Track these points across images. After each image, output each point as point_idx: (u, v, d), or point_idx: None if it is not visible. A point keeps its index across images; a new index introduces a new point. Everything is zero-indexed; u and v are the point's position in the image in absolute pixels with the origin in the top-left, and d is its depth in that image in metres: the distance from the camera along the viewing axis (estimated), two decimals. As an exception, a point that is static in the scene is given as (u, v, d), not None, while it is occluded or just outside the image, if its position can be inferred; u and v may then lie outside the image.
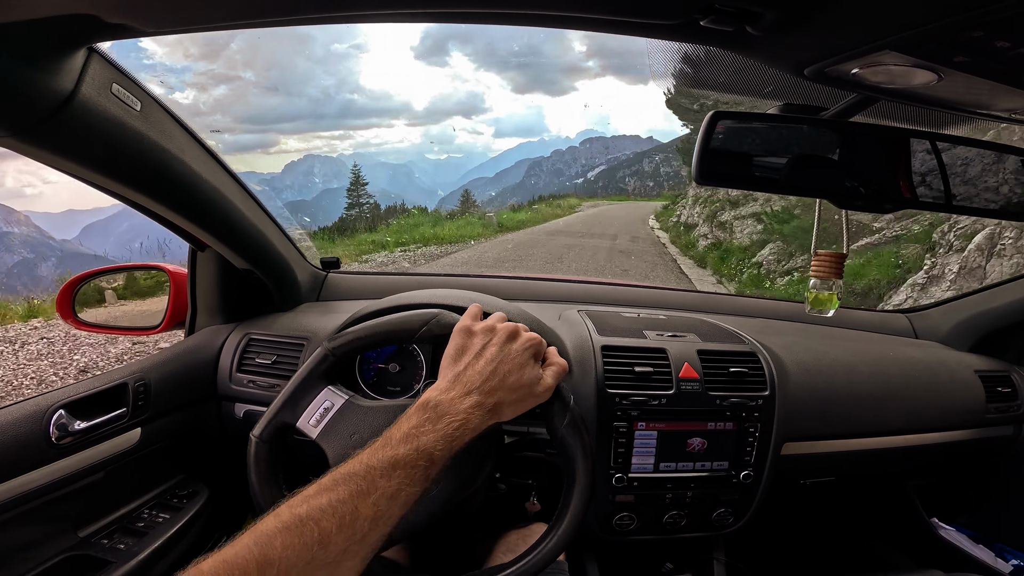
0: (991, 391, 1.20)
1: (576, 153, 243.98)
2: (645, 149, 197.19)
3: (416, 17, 0.47)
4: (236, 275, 1.09)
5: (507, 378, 0.55)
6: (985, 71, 0.47)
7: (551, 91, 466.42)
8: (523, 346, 0.59)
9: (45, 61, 0.50)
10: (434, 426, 0.49)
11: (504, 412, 0.56)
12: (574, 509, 0.63)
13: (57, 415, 0.79)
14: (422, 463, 0.46)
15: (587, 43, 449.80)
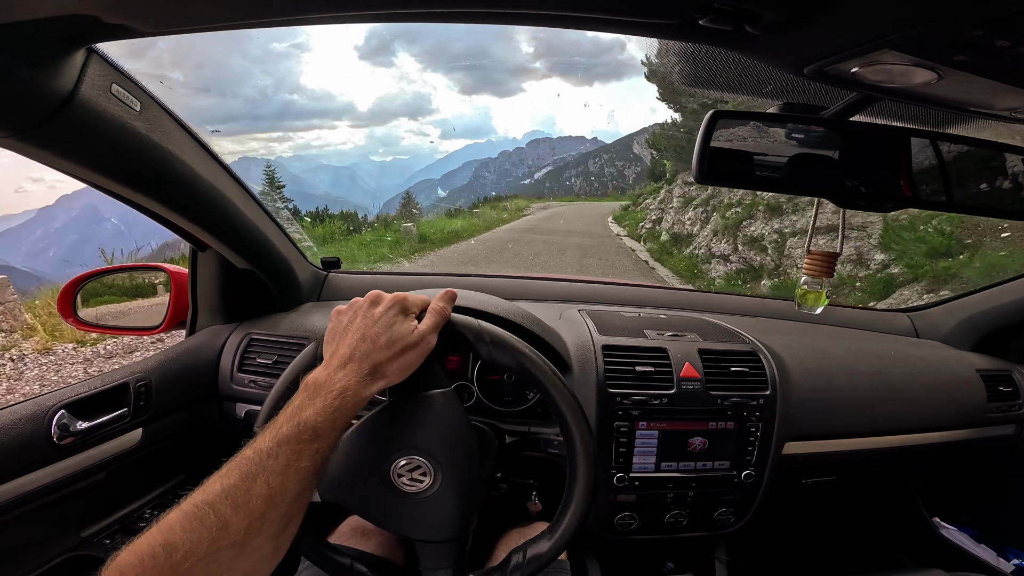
0: (992, 390, 1.20)
1: (523, 154, 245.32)
2: (590, 150, 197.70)
3: (417, 17, 0.47)
4: (237, 275, 1.09)
5: (377, 339, 0.56)
6: (985, 70, 0.47)
7: (498, 92, 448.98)
8: (386, 306, 0.60)
9: (45, 61, 0.50)
10: (312, 401, 0.51)
11: (387, 372, 0.57)
12: (561, 404, 0.65)
13: (59, 415, 0.79)
14: (306, 437, 0.48)
15: (535, 44, 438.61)
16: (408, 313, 0.60)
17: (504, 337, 0.65)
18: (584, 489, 0.64)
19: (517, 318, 0.95)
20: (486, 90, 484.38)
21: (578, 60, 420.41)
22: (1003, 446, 1.24)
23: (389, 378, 0.57)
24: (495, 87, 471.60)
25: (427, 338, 0.60)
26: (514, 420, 0.98)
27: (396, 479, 0.63)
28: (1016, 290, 1.27)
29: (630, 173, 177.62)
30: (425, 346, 0.60)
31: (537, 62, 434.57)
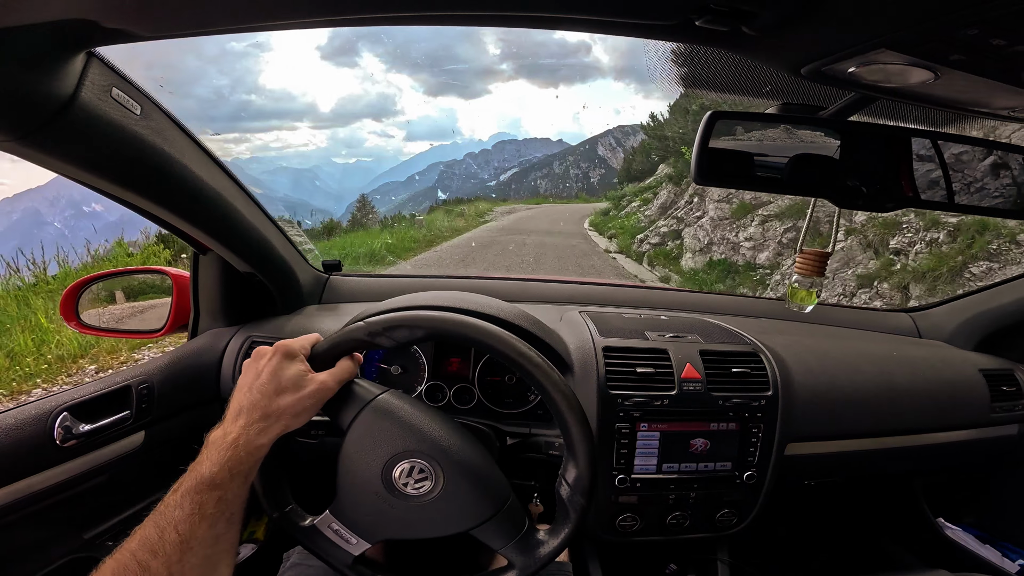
0: (996, 390, 1.20)
1: (489, 156, 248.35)
2: (555, 152, 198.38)
3: (414, 20, 0.47)
4: (238, 278, 1.10)
5: (264, 388, 0.60)
6: (982, 69, 0.47)
7: (464, 94, 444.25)
8: (268, 356, 0.63)
9: (45, 65, 0.51)
10: (208, 455, 0.56)
11: (281, 416, 0.60)
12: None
13: (61, 417, 0.79)
14: (204, 487, 0.54)
15: (501, 46, 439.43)
16: (293, 357, 0.63)
17: (393, 318, 0.65)
18: (579, 426, 0.65)
19: (517, 319, 0.95)
20: (452, 91, 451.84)
21: (544, 62, 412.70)
22: (1007, 446, 1.23)
23: (286, 422, 0.60)
24: (461, 89, 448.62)
25: (315, 377, 0.63)
26: (515, 422, 0.98)
27: (404, 488, 0.64)
28: (1018, 289, 1.27)
29: (595, 175, 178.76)
30: (317, 384, 0.62)
31: (503, 64, 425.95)
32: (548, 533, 0.66)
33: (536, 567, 0.64)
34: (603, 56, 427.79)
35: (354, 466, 0.65)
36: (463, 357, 1.03)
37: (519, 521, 0.66)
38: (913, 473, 1.37)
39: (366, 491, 0.64)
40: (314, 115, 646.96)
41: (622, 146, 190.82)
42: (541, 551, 0.64)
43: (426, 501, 0.64)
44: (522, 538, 0.65)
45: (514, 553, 0.65)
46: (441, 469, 0.64)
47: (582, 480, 0.64)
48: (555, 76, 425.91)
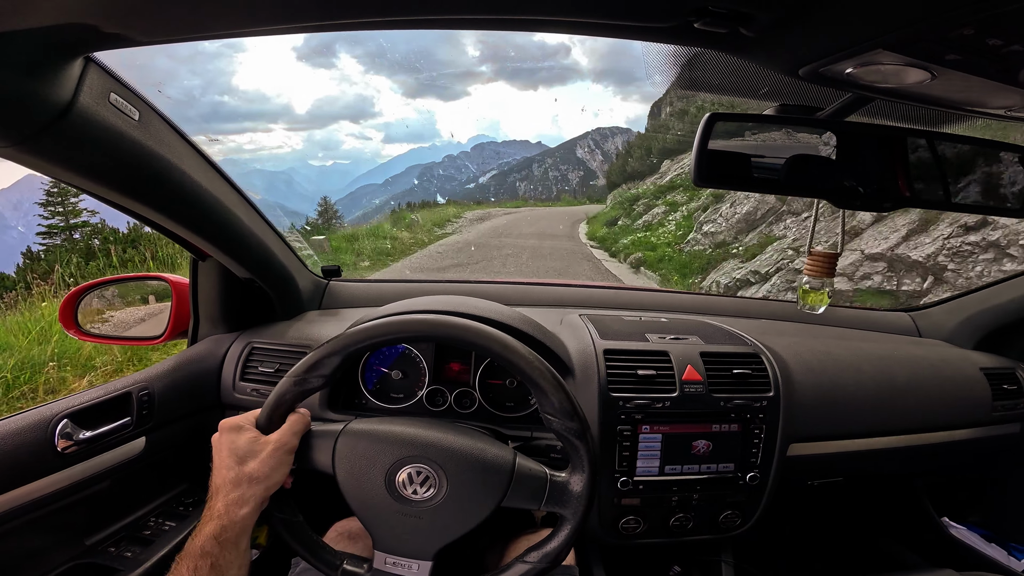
0: (997, 388, 1.20)
1: (468, 158, 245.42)
2: (534, 154, 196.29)
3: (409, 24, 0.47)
4: (238, 284, 1.10)
5: (227, 461, 0.64)
6: (978, 69, 0.47)
7: (443, 95, 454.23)
8: (219, 433, 0.67)
9: (43, 71, 0.51)
10: (200, 529, 0.61)
11: (255, 483, 0.63)
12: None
13: (62, 424, 0.79)
14: (196, 554, 0.59)
15: (480, 48, 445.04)
16: (239, 428, 0.66)
17: (308, 359, 0.67)
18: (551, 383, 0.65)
19: (518, 323, 0.95)
20: (431, 93, 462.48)
21: (524, 65, 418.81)
22: (1010, 445, 1.23)
23: (262, 486, 0.63)
24: (440, 90, 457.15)
25: (268, 438, 0.65)
26: (517, 426, 0.98)
27: (414, 496, 0.65)
28: (1017, 287, 1.27)
29: (574, 177, 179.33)
30: (273, 443, 0.65)
31: (483, 66, 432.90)
32: (570, 473, 0.66)
33: (583, 508, 0.64)
34: (582, 59, 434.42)
35: (362, 497, 0.66)
36: (464, 361, 1.03)
37: (539, 474, 0.66)
38: (916, 473, 1.37)
39: (388, 514, 0.65)
40: (289, 117, 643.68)
41: (600, 148, 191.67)
42: (575, 490, 0.65)
43: (441, 498, 0.64)
44: (551, 489, 0.65)
45: (555, 506, 0.65)
46: (436, 463, 0.65)
47: (561, 404, 0.65)
48: (534, 78, 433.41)
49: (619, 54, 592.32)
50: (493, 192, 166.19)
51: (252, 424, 0.67)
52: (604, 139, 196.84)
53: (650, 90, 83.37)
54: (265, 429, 0.67)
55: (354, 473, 0.66)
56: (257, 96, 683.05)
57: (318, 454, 0.68)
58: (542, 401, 0.66)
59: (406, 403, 1.02)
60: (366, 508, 0.66)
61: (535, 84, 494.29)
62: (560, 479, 0.66)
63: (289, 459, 0.66)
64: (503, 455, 0.66)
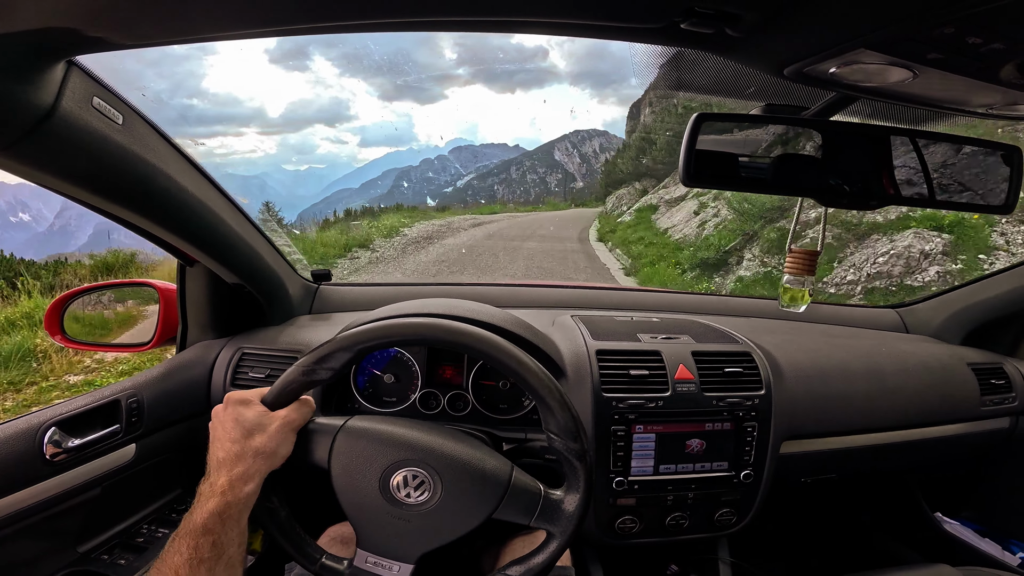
0: (985, 383, 1.21)
1: (445, 162, 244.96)
2: (512, 157, 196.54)
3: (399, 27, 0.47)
4: (227, 289, 1.09)
5: (233, 434, 0.62)
6: (959, 68, 0.48)
7: (420, 98, 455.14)
8: (225, 404, 0.66)
9: (23, 75, 0.50)
10: (199, 505, 0.59)
11: (260, 458, 0.62)
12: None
13: (50, 432, 0.78)
14: (198, 532, 0.56)
15: (458, 50, 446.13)
16: (247, 403, 0.65)
17: (322, 349, 0.67)
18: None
19: (509, 325, 0.95)
20: (408, 96, 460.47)
21: (501, 67, 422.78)
22: (999, 439, 1.25)
23: (266, 462, 0.62)
24: (417, 93, 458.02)
25: (276, 414, 0.65)
26: (510, 428, 0.98)
27: (407, 499, 0.64)
28: (1002, 283, 1.29)
29: (552, 180, 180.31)
30: (280, 419, 0.64)
31: (460, 69, 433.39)
32: (565, 491, 0.66)
33: (572, 527, 0.64)
34: (560, 61, 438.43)
35: (354, 495, 0.65)
36: (456, 364, 1.03)
37: (533, 489, 0.66)
38: (908, 469, 1.39)
39: (377, 514, 0.65)
40: (262, 120, 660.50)
41: (578, 150, 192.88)
42: (567, 510, 0.65)
43: (434, 503, 0.64)
44: (544, 505, 0.65)
45: (545, 522, 0.65)
46: (433, 469, 0.64)
47: (565, 424, 0.64)
48: (512, 81, 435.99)
49: (596, 57, 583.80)
50: (471, 196, 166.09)
51: (259, 399, 0.66)
52: (582, 141, 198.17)
53: (627, 92, 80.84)
54: (271, 406, 0.66)
55: (349, 471, 0.65)
56: (228, 99, 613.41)
57: (315, 449, 0.67)
58: (547, 418, 0.66)
59: (399, 407, 1.02)
60: (356, 507, 0.65)
61: (513, 87, 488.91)
62: (554, 497, 0.65)
63: (293, 437, 0.65)
64: (501, 467, 0.66)
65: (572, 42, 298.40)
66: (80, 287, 1.11)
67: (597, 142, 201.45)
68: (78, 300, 1.11)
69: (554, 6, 0.45)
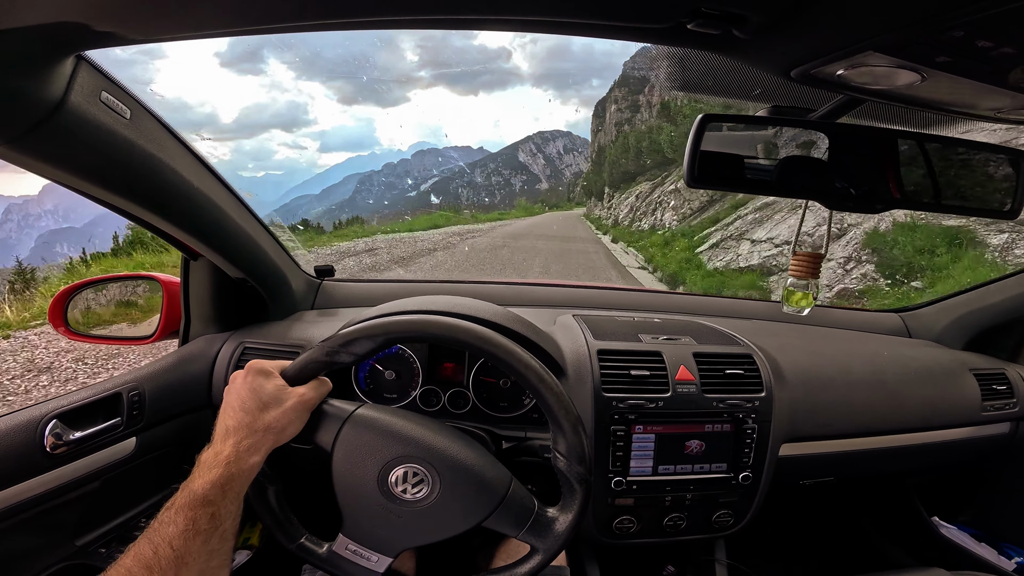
0: (987, 389, 1.21)
1: (408, 166, 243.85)
2: (476, 159, 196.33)
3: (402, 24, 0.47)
4: (230, 284, 1.09)
5: (248, 404, 0.62)
6: (968, 71, 0.48)
7: (382, 102, 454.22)
8: (245, 374, 0.65)
9: (33, 69, 0.50)
10: (201, 474, 0.57)
11: (271, 432, 0.61)
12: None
13: (51, 424, 0.79)
14: (197, 503, 0.55)
15: (419, 52, 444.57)
16: (268, 374, 0.65)
17: (348, 332, 0.67)
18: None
19: (511, 323, 0.95)
20: (369, 100, 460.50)
21: (464, 69, 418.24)
22: (999, 445, 1.24)
23: (274, 437, 0.61)
24: (378, 96, 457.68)
25: (294, 390, 0.65)
26: (510, 426, 0.98)
27: (403, 495, 0.64)
28: (1005, 288, 1.29)
29: (517, 182, 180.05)
30: (297, 397, 0.64)
31: (422, 71, 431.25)
32: (559, 510, 0.66)
33: (558, 546, 0.64)
34: (522, 63, 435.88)
35: (350, 483, 0.65)
36: (457, 361, 1.03)
37: (528, 504, 0.66)
38: (906, 473, 1.38)
39: (369, 505, 0.65)
40: (215, 126, 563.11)
41: (542, 152, 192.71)
42: (557, 529, 0.65)
43: (428, 503, 0.64)
44: (535, 521, 0.65)
45: (532, 537, 0.65)
46: (435, 469, 0.64)
47: (574, 447, 0.65)
48: (475, 83, 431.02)
49: (558, 58, 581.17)
50: (435, 198, 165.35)
51: (278, 372, 0.66)
52: (546, 143, 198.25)
53: (589, 93, 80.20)
54: (291, 382, 0.66)
55: (351, 459, 0.65)
56: (178, 104, 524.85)
57: (323, 430, 0.67)
58: (557, 439, 0.66)
59: (399, 403, 1.02)
60: (351, 494, 0.65)
61: (475, 89, 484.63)
62: (548, 516, 0.66)
63: (306, 417, 0.65)
64: (501, 477, 0.66)
65: (535, 43, 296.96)
66: (84, 280, 1.12)
67: (561, 143, 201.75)
68: (82, 292, 1.11)
69: (560, 5, 0.45)
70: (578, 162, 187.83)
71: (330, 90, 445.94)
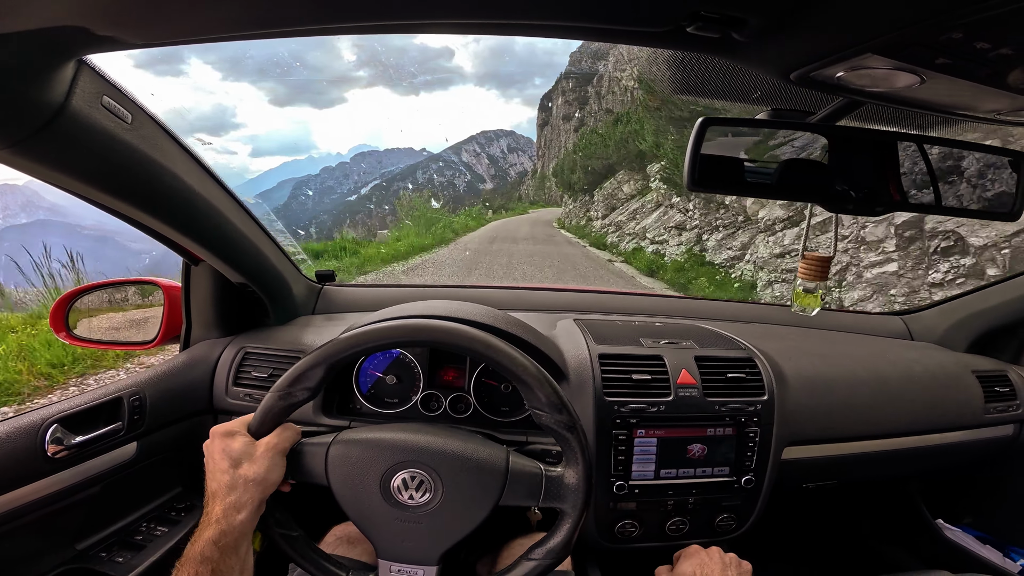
0: (990, 391, 1.20)
1: (348, 169, 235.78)
2: (419, 161, 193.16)
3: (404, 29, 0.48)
4: (231, 288, 1.09)
5: (222, 465, 0.63)
6: (966, 73, 0.48)
7: (317, 103, 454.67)
8: (211, 440, 0.66)
9: (35, 73, 0.50)
10: (199, 534, 0.61)
11: (251, 487, 0.62)
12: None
13: (52, 429, 0.79)
14: (197, 560, 0.59)
15: (357, 51, 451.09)
16: (232, 433, 0.66)
17: (338, 343, 0.67)
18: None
19: (511, 328, 0.95)
20: (303, 101, 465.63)
21: (405, 69, 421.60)
22: (1003, 447, 1.24)
23: (258, 491, 0.63)
24: (314, 97, 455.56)
25: (260, 442, 0.65)
26: (512, 430, 0.97)
27: (411, 501, 0.64)
28: (1007, 291, 1.28)
29: (460, 182, 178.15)
30: (265, 447, 0.65)
31: (360, 71, 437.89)
32: (564, 466, 0.66)
33: (581, 501, 0.64)
34: (465, 62, 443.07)
35: (359, 506, 0.65)
36: (458, 366, 1.03)
37: (533, 470, 0.66)
38: (910, 476, 1.38)
39: (387, 522, 0.65)
40: None
41: (486, 151, 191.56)
42: (570, 484, 0.65)
43: (438, 501, 0.64)
44: (547, 484, 0.65)
45: (552, 500, 0.65)
46: (431, 467, 0.65)
47: (549, 398, 0.64)
48: (416, 83, 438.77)
49: (500, 57, 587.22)
50: (375, 204, 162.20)
51: (244, 429, 0.67)
52: (489, 142, 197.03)
53: (532, 92, 79.05)
54: (256, 434, 0.67)
55: (348, 482, 0.66)
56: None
57: (311, 465, 0.67)
58: (529, 397, 0.66)
59: (401, 408, 1.02)
60: (364, 517, 0.66)
61: (417, 89, 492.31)
62: (555, 473, 0.65)
63: (282, 461, 0.66)
64: (496, 454, 0.66)
65: (477, 42, 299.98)
66: (85, 285, 1.12)
67: (505, 142, 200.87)
68: (83, 297, 1.11)
69: (558, 9, 0.46)
70: (522, 161, 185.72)
71: (261, 91, 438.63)
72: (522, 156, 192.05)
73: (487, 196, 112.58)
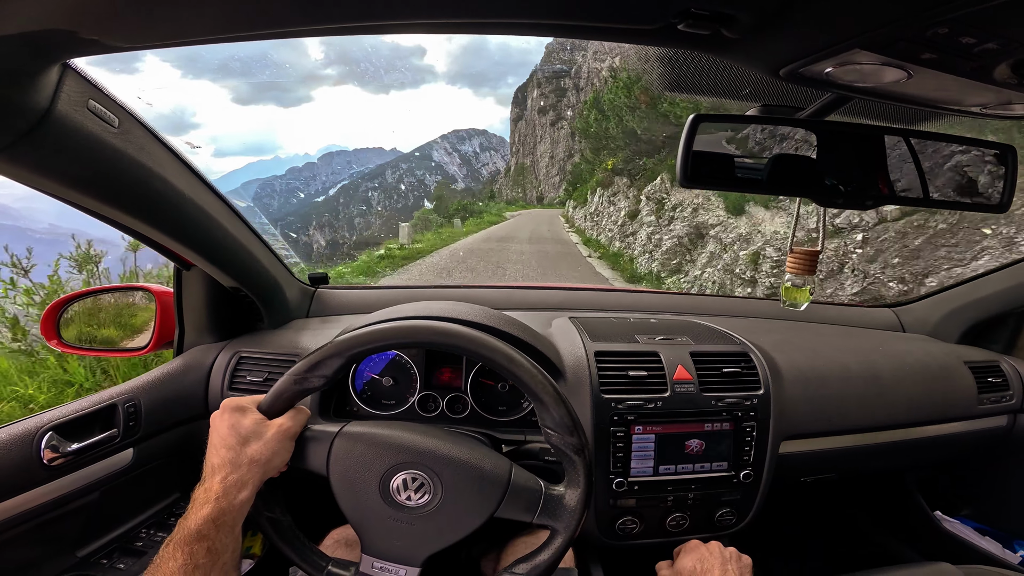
0: (982, 382, 1.22)
1: (315, 170, 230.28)
2: (389, 160, 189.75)
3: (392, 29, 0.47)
4: (224, 293, 1.08)
5: (229, 441, 0.63)
6: (953, 67, 0.48)
7: (283, 101, 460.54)
8: (222, 413, 0.65)
9: (18, 77, 0.49)
10: (194, 511, 0.59)
11: (256, 466, 0.62)
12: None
13: (47, 437, 0.78)
14: (192, 538, 0.57)
15: (324, 49, 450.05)
16: (244, 409, 0.65)
17: (312, 358, 0.67)
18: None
19: (506, 327, 0.95)
20: (268, 100, 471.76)
21: (374, 67, 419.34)
22: (998, 437, 1.25)
23: (261, 470, 0.62)
24: (279, 96, 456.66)
25: (272, 422, 0.65)
26: (509, 429, 0.97)
27: (408, 502, 0.64)
28: (997, 281, 1.30)
29: (431, 181, 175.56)
30: (276, 427, 0.64)
31: (328, 68, 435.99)
32: (565, 486, 0.66)
33: (575, 522, 0.64)
34: (436, 61, 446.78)
35: (354, 501, 0.65)
36: (455, 367, 1.02)
37: (534, 487, 0.66)
38: (906, 468, 1.39)
39: (379, 519, 0.64)
40: None
41: (458, 151, 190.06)
42: (569, 505, 0.64)
43: (435, 505, 0.64)
44: (545, 501, 0.65)
45: (546, 518, 0.65)
46: (433, 471, 0.64)
47: (561, 419, 0.64)
48: (386, 81, 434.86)
49: (472, 55, 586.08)
50: (343, 205, 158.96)
51: (255, 407, 0.66)
52: (461, 141, 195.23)
53: (504, 91, 79.22)
54: (266, 415, 0.66)
55: (348, 476, 0.65)
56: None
57: (313, 455, 0.67)
58: (542, 415, 0.66)
59: (397, 409, 1.01)
60: (358, 511, 0.65)
61: (387, 87, 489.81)
62: (556, 493, 0.65)
63: (290, 445, 0.66)
64: (500, 466, 0.66)
65: (450, 41, 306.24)
66: (75, 292, 1.11)
67: (477, 141, 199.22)
68: (74, 304, 1.10)
69: (549, 7, 0.46)
70: (495, 160, 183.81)
71: (223, 89, 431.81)
72: (495, 155, 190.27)
73: (458, 196, 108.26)
